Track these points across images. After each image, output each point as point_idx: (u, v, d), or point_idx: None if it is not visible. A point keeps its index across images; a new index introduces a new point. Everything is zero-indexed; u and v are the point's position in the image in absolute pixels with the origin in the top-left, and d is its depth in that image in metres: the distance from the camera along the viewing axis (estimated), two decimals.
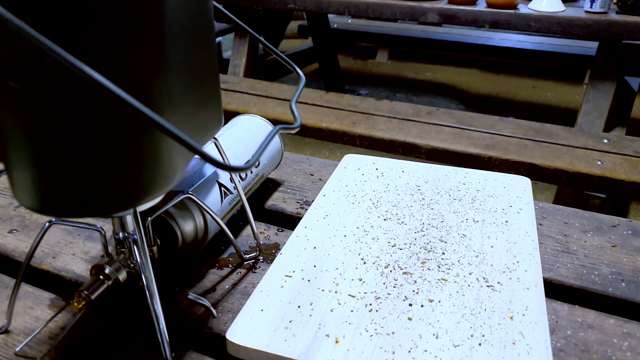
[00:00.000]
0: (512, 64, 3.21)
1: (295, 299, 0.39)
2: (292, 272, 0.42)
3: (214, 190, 0.46)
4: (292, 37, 3.47)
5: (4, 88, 0.26)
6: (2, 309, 0.41)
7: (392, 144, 1.26)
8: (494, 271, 0.42)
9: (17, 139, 0.27)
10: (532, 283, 0.41)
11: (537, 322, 0.37)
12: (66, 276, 0.45)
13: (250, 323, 0.37)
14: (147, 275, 0.34)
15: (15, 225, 0.52)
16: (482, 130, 1.28)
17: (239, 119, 0.56)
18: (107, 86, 0.22)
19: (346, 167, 0.59)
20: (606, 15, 1.37)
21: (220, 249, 0.49)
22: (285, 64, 0.41)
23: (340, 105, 1.46)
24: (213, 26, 0.35)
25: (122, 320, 0.40)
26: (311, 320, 0.37)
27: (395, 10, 1.56)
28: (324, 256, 0.44)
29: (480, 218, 0.50)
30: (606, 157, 1.15)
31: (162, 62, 0.29)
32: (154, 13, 0.27)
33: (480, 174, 0.58)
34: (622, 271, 0.45)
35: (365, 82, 2.99)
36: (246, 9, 1.92)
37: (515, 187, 0.55)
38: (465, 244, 0.46)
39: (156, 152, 0.30)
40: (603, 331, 0.39)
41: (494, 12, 1.46)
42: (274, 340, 0.36)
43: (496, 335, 0.36)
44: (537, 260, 0.44)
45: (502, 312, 0.38)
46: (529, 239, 0.46)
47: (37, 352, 0.37)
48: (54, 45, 0.21)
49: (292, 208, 0.56)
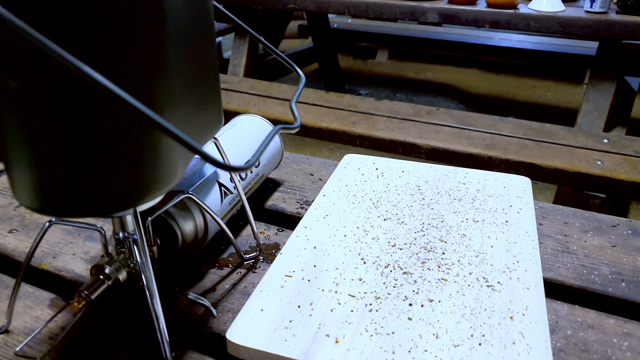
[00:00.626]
0: (512, 64, 3.21)
1: (295, 299, 0.39)
2: (292, 272, 0.42)
3: (214, 190, 0.46)
4: (292, 37, 3.47)
5: (4, 88, 0.26)
6: (2, 309, 0.41)
7: (392, 143, 1.26)
8: (494, 271, 0.42)
9: (17, 139, 0.27)
10: (532, 283, 0.41)
11: (537, 322, 0.37)
12: (66, 276, 0.45)
13: (250, 323, 0.37)
14: (147, 275, 0.34)
15: (15, 225, 0.52)
16: (482, 130, 1.28)
17: (239, 118, 0.56)
18: (107, 86, 0.22)
19: (346, 167, 0.60)
20: (606, 15, 1.37)
21: (220, 249, 0.49)
22: (285, 64, 0.41)
23: (340, 105, 1.46)
24: (213, 26, 0.35)
25: (122, 320, 0.40)
26: (311, 320, 0.37)
27: (395, 10, 1.56)
28: (324, 256, 0.44)
29: (480, 218, 0.50)
30: (606, 157, 1.15)
31: (162, 62, 0.29)
32: (154, 13, 0.27)
33: (480, 174, 0.58)
34: (622, 271, 0.45)
35: (365, 82, 2.99)
36: (246, 9, 1.92)
37: (515, 187, 0.55)
38: (465, 244, 0.46)
39: (156, 152, 0.30)
40: (603, 331, 0.39)
41: (494, 12, 1.46)
42: (274, 340, 0.36)
43: (496, 335, 0.36)
44: (537, 260, 0.44)
45: (502, 312, 0.38)
46: (529, 239, 0.46)
47: (37, 352, 0.37)
48: (54, 45, 0.21)
49: (292, 208, 0.56)
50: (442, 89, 2.85)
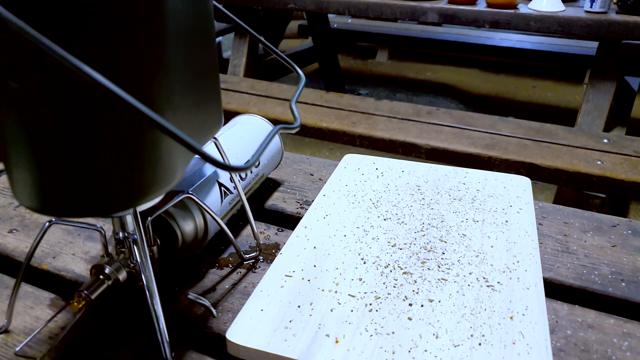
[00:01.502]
0: (512, 64, 3.21)
1: (295, 299, 0.39)
2: (292, 272, 0.42)
3: (214, 190, 0.46)
4: (292, 37, 3.47)
5: (4, 88, 0.26)
6: (2, 308, 0.41)
7: (392, 143, 1.26)
8: (494, 271, 0.42)
9: (17, 139, 0.27)
10: (532, 283, 0.41)
11: (537, 322, 0.37)
12: (66, 276, 0.45)
13: (250, 323, 0.37)
14: (147, 275, 0.34)
15: (15, 225, 0.52)
16: (482, 130, 1.28)
17: (239, 118, 0.56)
18: (107, 86, 0.22)
19: (346, 167, 0.60)
20: (606, 15, 1.37)
21: (220, 249, 0.49)
22: (286, 64, 0.41)
23: (340, 105, 1.46)
24: (213, 26, 0.35)
25: (122, 320, 0.40)
26: (311, 320, 0.37)
27: (395, 10, 1.56)
28: (324, 256, 0.44)
29: (480, 218, 0.50)
30: (606, 157, 1.15)
31: (162, 62, 0.29)
32: (154, 13, 0.27)
33: (480, 174, 0.58)
34: (622, 271, 0.45)
35: (365, 82, 2.99)
36: (246, 9, 1.92)
37: (515, 187, 0.55)
38: (465, 244, 0.46)
39: (156, 152, 0.30)
40: (603, 331, 0.39)
41: (494, 12, 1.46)
42: (274, 340, 0.36)
43: (496, 335, 0.36)
44: (537, 260, 0.44)
45: (502, 312, 0.38)
46: (529, 238, 0.46)
47: (37, 352, 0.37)
48: (54, 45, 0.21)
49: (292, 208, 0.56)
50: (442, 89, 2.85)
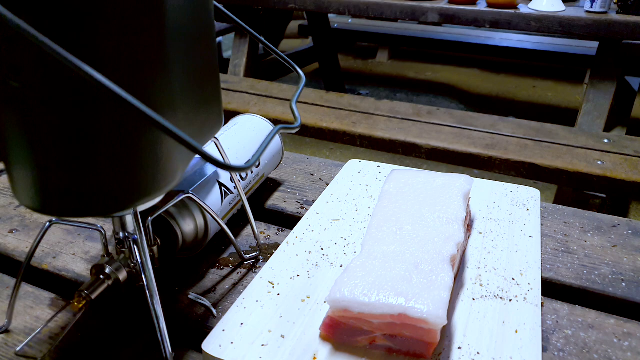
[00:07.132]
0: (513, 64, 3.21)
1: (277, 311, 0.38)
2: (277, 283, 0.41)
3: (214, 190, 0.46)
4: (293, 37, 3.47)
5: (4, 88, 0.26)
6: (3, 308, 0.41)
7: (392, 143, 1.26)
8: (496, 277, 0.42)
9: (17, 139, 0.27)
10: (533, 300, 0.41)
11: (531, 335, 0.37)
12: (66, 276, 0.45)
13: (227, 335, 0.36)
14: (147, 275, 0.34)
15: (16, 225, 0.52)
16: (483, 130, 1.28)
17: (240, 118, 0.56)
18: (107, 86, 0.22)
19: (349, 172, 0.59)
20: (606, 15, 1.37)
21: (220, 249, 0.48)
22: (286, 64, 0.41)
23: (341, 105, 1.46)
24: (213, 26, 0.35)
25: (122, 320, 0.40)
26: (291, 333, 0.36)
27: (396, 10, 1.56)
28: (312, 267, 0.43)
29: (483, 225, 0.50)
30: (606, 156, 1.15)
31: (162, 61, 0.29)
32: (154, 13, 0.27)
33: (487, 184, 0.56)
34: (623, 271, 0.45)
35: (365, 82, 2.99)
36: (246, 9, 1.92)
37: (522, 196, 0.53)
38: (467, 251, 0.46)
39: (156, 152, 0.30)
40: (603, 331, 0.39)
41: (494, 12, 1.46)
42: (250, 354, 0.34)
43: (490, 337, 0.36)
44: (538, 276, 0.43)
45: (498, 318, 0.38)
46: (533, 241, 0.46)
47: (38, 352, 0.37)
48: (54, 45, 0.21)
49: (293, 208, 0.56)
50: (442, 89, 2.85)
